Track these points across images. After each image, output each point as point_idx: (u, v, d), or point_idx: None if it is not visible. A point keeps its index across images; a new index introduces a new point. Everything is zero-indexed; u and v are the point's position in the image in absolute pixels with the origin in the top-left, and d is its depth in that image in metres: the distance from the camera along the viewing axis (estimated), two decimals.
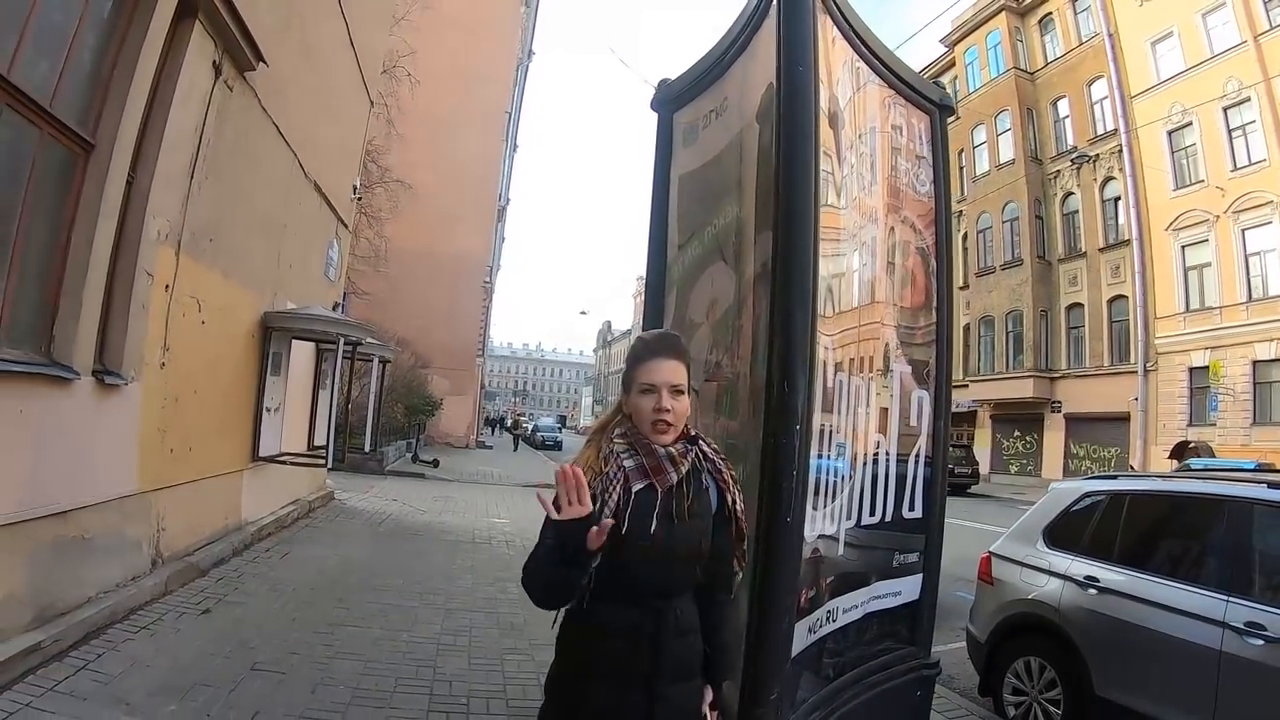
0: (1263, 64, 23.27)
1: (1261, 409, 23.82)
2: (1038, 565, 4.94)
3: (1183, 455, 20.92)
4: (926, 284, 4.22)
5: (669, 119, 4.56)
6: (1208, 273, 25.46)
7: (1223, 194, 24.48)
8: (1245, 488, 4.27)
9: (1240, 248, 24.34)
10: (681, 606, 1.96)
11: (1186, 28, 25.99)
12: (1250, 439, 23.34)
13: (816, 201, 2.94)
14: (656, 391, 1.91)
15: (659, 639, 1.89)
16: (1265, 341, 23.50)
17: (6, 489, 3.85)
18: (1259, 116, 23.62)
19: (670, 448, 1.93)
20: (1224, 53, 24.65)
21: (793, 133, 2.98)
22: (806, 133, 2.97)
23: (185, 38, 5.31)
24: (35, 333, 4.22)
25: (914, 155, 4.31)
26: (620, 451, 1.92)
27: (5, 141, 3.88)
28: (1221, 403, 24.54)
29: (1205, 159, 25.41)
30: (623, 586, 1.86)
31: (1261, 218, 23.63)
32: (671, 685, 1.90)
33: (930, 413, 4.14)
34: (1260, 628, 3.61)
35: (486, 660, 4.94)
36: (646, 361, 1.96)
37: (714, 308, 3.81)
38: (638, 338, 2.12)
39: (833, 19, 3.54)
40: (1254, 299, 23.89)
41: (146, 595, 5.26)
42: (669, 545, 1.89)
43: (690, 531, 1.94)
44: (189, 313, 5.88)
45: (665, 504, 1.90)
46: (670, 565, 1.91)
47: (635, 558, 1.84)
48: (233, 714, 3.72)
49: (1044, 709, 4.70)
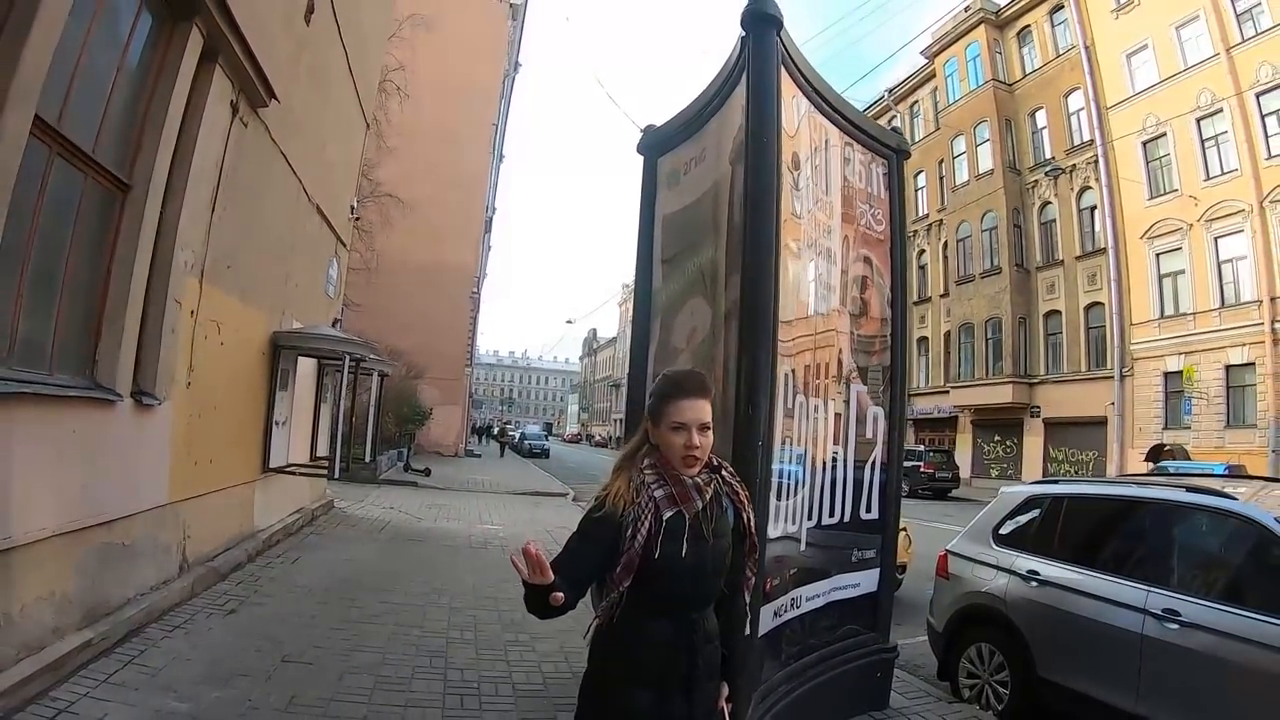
0: (1234, 76, 23.87)
1: (1235, 412, 24.38)
2: (988, 561, 5.42)
3: (1158, 458, 21.29)
4: (881, 311, 4.75)
5: (654, 163, 5.07)
6: (1181, 280, 26.02)
7: (1196, 203, 25.07)
8: (1166, 491, 4.81)
9: (1213, 255, 24.93)
10: (708, 616, 2.16)
11: (1161, 40, 26.60)
12: (1224, 441, 23.86)
13: (778, 253, 3.45)
14: (687, 430, 2.05)
15: (694, 646, 2.07)
16: (1237, 346, 24.03)
17: (64, 501, 4.30)
18: (1230, 127, 24.24)
19: (696, 477, 2.10)
20: (1197, 65, 25.30)
21: (758, 195, 3.50)
22: (770, 195, 3.50)
23: (207, 81, 5.72)
24: (80, 358, 4.65)
25: (871, 196, 4.83)
26: (650, 482, 2.06)
27: (56, 187, 4.28)
28: (1195, 406, 25.00)
29: (1179, 169, 26.02)
30: (659, 601, 2.04)
31: (1233, 226, 24.19)
32: (703, 689, 2.11)
33: (885, 427, 4.66)
34: (1176, 614, 4.11)
35: (492, 651, 5.43)
36: (678, 400, 2.08)
37: (694, 336, 4.32)
38: (664, 375, 2.26)
39: (797, 83, 4.06)
40: (1226, 305, 24.49)
41: (176, 597, 5.72)
42: (698, 564, 2.06)
43: (716, 550, 2.11)
44: (210, 335, 6.33)
45: (694, 527, 2.06)
46: (700, 581, 2.09)
47: (670, 576, 2.02)
48: (272, 698, 4.18)
49: (994, 690, 5.20)
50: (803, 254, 4.00)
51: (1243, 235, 23.99)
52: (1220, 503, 4.39)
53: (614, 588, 2.01)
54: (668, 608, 2.06)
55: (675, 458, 2.06)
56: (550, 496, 19.03)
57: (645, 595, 2.01)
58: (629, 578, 1.99)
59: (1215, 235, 24.84)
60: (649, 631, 2.04)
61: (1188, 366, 25.30)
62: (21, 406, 3.78)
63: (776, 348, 3.41)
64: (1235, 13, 24.36)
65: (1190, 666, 4.04)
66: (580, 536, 2.07)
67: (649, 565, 1.99)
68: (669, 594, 2.04)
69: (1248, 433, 23.63)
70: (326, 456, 10.59)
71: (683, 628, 2.06)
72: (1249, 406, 23.98)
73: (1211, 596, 4.12)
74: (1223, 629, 3.92)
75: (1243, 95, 23.65)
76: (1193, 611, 4.06)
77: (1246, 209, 23.64)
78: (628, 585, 2.00)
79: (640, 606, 2.03)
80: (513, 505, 15.81)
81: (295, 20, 7.72)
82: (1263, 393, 23.23)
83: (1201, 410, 24.93)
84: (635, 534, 1.98)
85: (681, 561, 2.01)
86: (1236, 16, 24.32)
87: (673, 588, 2.04)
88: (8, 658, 3.79)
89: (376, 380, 12.21)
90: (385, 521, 11.58)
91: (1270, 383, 22.97)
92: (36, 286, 4.12)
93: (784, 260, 3.61)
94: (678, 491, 2.05)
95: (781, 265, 3.55)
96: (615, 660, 2.06)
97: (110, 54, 4.70)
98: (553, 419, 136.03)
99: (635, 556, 1.99)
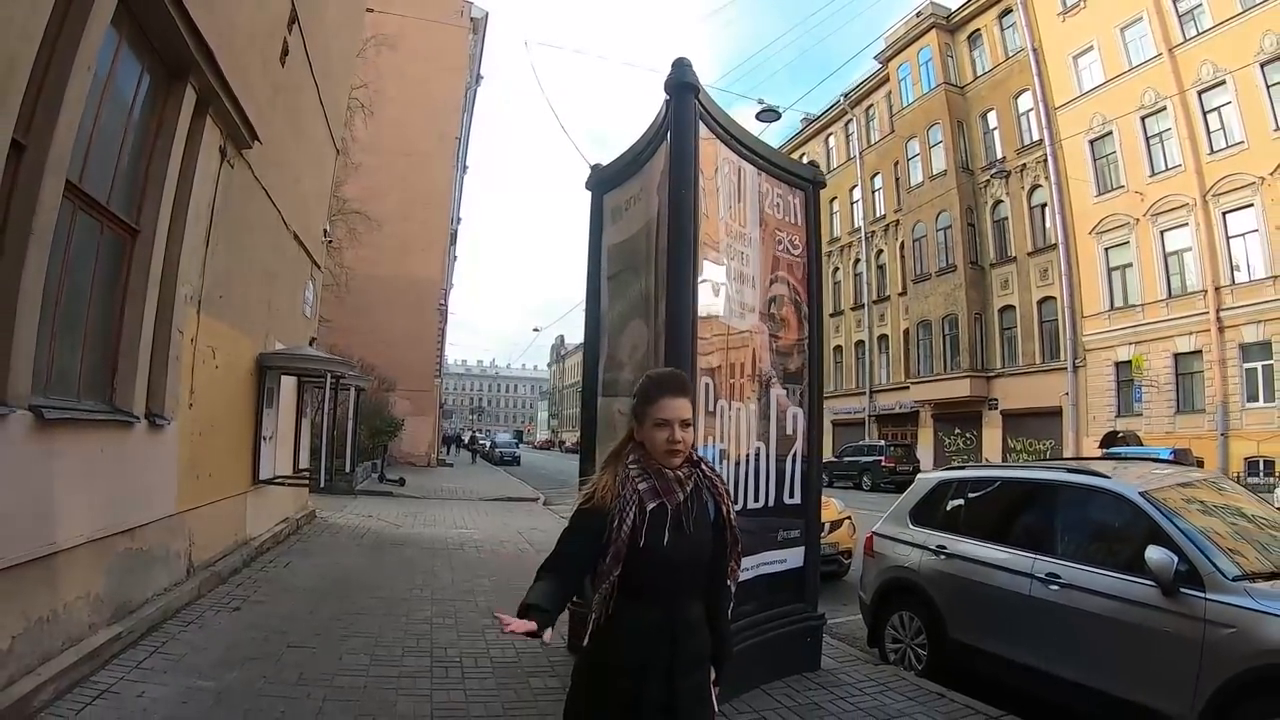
0: (1177, 75, 24.91)
1: (1185, 398, 25.52)
2: (905, 540, 6.16)
3: (1112, 444, 22.17)
4: (799, 325, 5.51)
5: (600, 199, 5.82)
6: (1130, 273, 27.12)
7: (1142, 198, 26.14)
8: (1050, 472, 5.57)
9: (1159, 248, 26.01)
10: (691, 606, 2.25)
11: (1106, 42, 27.63)
12: (1175, 427, 24.94)
13: (695, 284, 4.20)
14: (670, 426, 2.19)
15: (676, 635, 2.17)
16: (1185, 335, 25.15)
17: (95, 511, 4.93)
18: (1174, 124, 25.23)
19: (678, 471, 2.22)
20: (1141, 65, 26.34)
21: (678, 234, 4.24)
22: (687, 234, 4.24)
23: (200, 131, 6.33)
24: (102, 386, 5.27)
25: (789, 225, 5.59)
26: (635, 476, 2.19)
27: (79, 238, 4.90)
28: (1146, 394, 25.99)
29: (1125, 166, 27.12)
30: (643, 591, 2.15)
31: (1178, 220, 25.34)
32: (686, 675, 2.19)
33: (804, 424, 5.42)
34: (1056, 577, 4.77)
35: (471, 633, 6.12)
36: (660, 400, 2.21)
37: (635, 351, 5.06)
38: (647, 376, 2.39)
39: (716, 134, 4.82)
40: (1173, 296, 25.63)
41: (186, 597, 6.35)
42: (681, 553, 2.17)
43: (696, 540, 2.23)
44: (206, 360, 6.97)
45: (675, 518, 2.17)
46: (681, 570, 2.20)
47: (652, 566, 2.13)
48: (283, 675, 4.85)
49: (915, 652, 5.92)
50: (721, 279, 4.75)
51: (1187, 229, 25.06)
52: (1094, 481, 5.08)
53: (605, 579, 2.13)
54: (652, 596, 2.16)
55: (659, 452, 2.19)
56: (521, 501, 19.65)
57: (631, 584, 2.13)
58: (618, 567, 2.11)
59: (1161, 229, 25.88)
60: (633, 619, 2.14)
61: (1136, 356, 26.28)
62: (62, 430, 4.42)
63: (696, 361, 4.16)
64: (1177, 13, 25.33)
65: (1067, 621, 4.67)
66: (571, 531, 2.22)
67: (635, 555, 2.11)
68: (653, 583, 2.15)
69: (1197, 418, 24.69)
70: (309, 468, 11.23)
71: (666, 616, 2.17)
72: (1198, 393, 25.04)
73: (1085, 561, 4.76)
74: (1093, 588, 4.56)
75: (1185, 94, 24.66)
76: (1070, 574, 4.73)
77: (1190, 203, 24.67)
78: (617, 575, 2.12)
79: (626, 595, 2.13)
80: (485, 511, 16.44)
81: (271, 64, 8.32)
82: (1210, 379, 24.25)
83: (1152, 397, 25.92)
84: (621, 525, 2.11)
85: (665, 551, 2.13)
86: (1179, 17, 25.30)
87: (657, 577, 2.15)
88: (55, 648, 4.42)
89: (353, 394, 12.82)
90: (366, 529, 12.16)
91: (1217, 369, 23.92)
92: (66, 325, 4.75)
93: (704, 285, 4.38)
94: (660, 484, 2.18)
95: (701, 290, 4.32)
96: (601, 647, 2.17)
97: (119, 114, 5.31)
98: (523, 426, 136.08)
99: (623, 546, 2.10)
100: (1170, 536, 4.29)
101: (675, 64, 4.56)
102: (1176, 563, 4.10)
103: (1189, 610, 4.05)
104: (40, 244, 3.99)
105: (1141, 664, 4.28)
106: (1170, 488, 4.91)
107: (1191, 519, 4.52)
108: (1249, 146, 23.00)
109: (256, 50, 7.63)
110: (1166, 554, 4.14)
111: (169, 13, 5.14)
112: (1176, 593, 4.10)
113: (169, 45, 5.49)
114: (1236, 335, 23.75)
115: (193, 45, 5.58)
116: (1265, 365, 23.09)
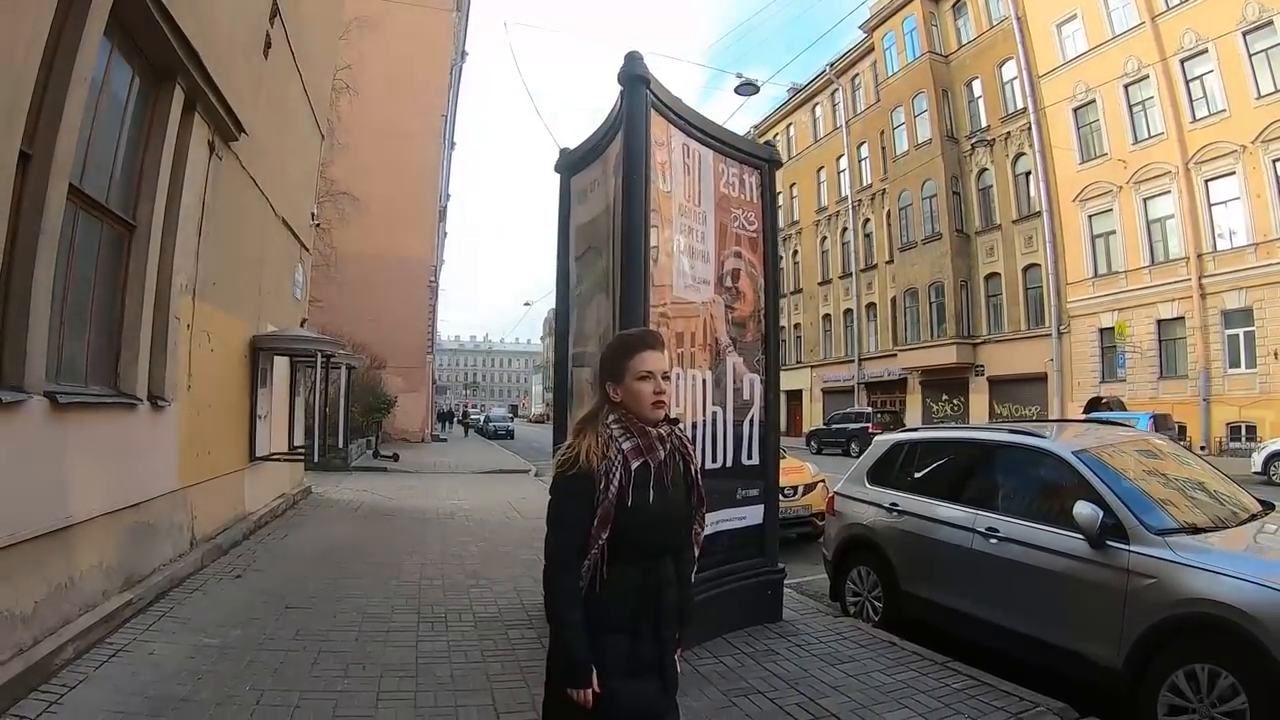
0: (1159, 43, 25.08)
1: (1167, 364, 25.97)
2: (862, 499, 6.52)
3: (1096, 409, 22.55)
4: (754, 297, 5.90)
5: (568, 181, 6.20)
6: (1113, 240, 27.43)
7: (1125, 166, 26.37)
8: (993, 434, 5.95)
9: (1142, 216, 26.32)
10: (667, 563, 2.29)
11: (1089, 10, 27.74)
12: (1158, 392, 25.36)
13: (647, 264, 4.60)
14: (654, 377, 2.20)
15: (660, 592, 2.22)
16: (1167, 302, 25.54)
17: (108, 487, 5.36)
18: (1156, 93, 25.46)
19: (659, 429, 2.24)
20: (1124, 33, 26.49)
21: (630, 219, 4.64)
22: (639, 218, 4.64)
23: (189, 128, 6.64)
24: (106, 371, 5.67)
25: (745, 202, 5.96)
26: (618, 435, 2.19)
27: (82, 236, 5.24)
28: (1129, 360, 26.33)
29: (1108, 134, 27.34)
30: (631, 550, 2.16)
31: (1160, 187, 25.61)
32: (669, 630, 2.27)
33: (761, 389, 5.83)
34: (995, 531, 5.10)
35: (457, 593, 6.59)
36: (641, 353, 2.23)
37: (599, 325, 5.46)
38: (620, 335, 2.45)
39: (670, 121, 5.19)
40: (1156, 263, 25.98)
41: (190, 568, 6.79)
42: (665, 511, 2.22)
43: (676, 497, 2.27)
44: (202, 344, 7.35)
45: (658, 476, 2.21)
46: (667, 528, 2.25)
47: (639, 523, 2.14)
48: (282, 633, 5.30)
49: (872, 605, 6.29)
50: (675, 256, 5.15)
51: (1169, 196, 25.36)
52: (1031, 441, 5.41)
53: (593, 543, 2.12)
54: (638, 555, 2.18)
55: (645, 405, 2.21)
56: (512, 474, 20.08)
57: (617, 544, 2.13)
58: (606, 529, 2.11)
59: (1144, 196, 26.18)
60: (621, 579, 2.15)
61: (1119, 322, 26.65)
62: (74, 413, 4.82)
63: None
64: None
65: (1004, 572, 5.00)
66: (564, 499, 2.20)
67: (623, 515, 2.12)
68: (640, 542, 2.17)
69: (1180, 383, 25.12)
70: (303, 445, 11.66)
71: (651, 574, 2.21)
72: (1180, 359, 25.48)
73: (1022, 516, 5.07)
74: (1028, 541, 4.88)
75: (1167, 61, 24.82)
76: (1007, 529, 5.05)
77: (1172, 170, 24.97)
78: (605, 538, 2.12)
79: (612, 555, 2.14)
80: (477, 483, 16.91)
81: (255, 57, 8.62)
82: (1192, 345, 24.62)
83: (1136, 363, 26.32)
84: (609, 485, 2.12)
85: (650, 509, 2.16)
86: None
87: (642, 536, 2.16)
88: (72, 613, 4.84)
89: (344, 373, 13.23)
90: (360, 503, 12.63)
91: (1198, 335, 24.27)
92: (72, 317, 5.13)
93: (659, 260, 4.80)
94: (643, 443, 2.20)
95: (655, 265, 4.74)
96: (592, 607, 2.15)
97: (113, 118, 5.65)
98: (518, 400, 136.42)
99: (610, 508, 2.11)
100: (1099, 492, 4.58)
101: (627, 57, 4.93)
102: (1101, 517, 4.38)
103: (1114, 562, 4.33)
104: (48, 245, 4.36)
105: (1072, 612, 4.56)
106: (1104, 448, 5.19)
107: (1121, 477, 4.80)
108: (1230, 114, 23.21)
109: (239, 46, 7.91)
110: (1093, 508, 4.42)
111: (155, 19, 5.45)
112: (1103, 545, 4.38)
113: (157, 49, 5.81)
114: (1218, 302, 24.03)
115: (179, 48, 5.89)
116: (1246, 332, 23.39)
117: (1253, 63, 22.75)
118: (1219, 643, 3.84)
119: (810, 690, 4.50)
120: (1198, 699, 3.85)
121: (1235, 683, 3.71)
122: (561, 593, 2.14)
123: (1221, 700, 3.75)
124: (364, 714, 3.97)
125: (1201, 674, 3.86)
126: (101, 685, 4.22)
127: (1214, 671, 3.81)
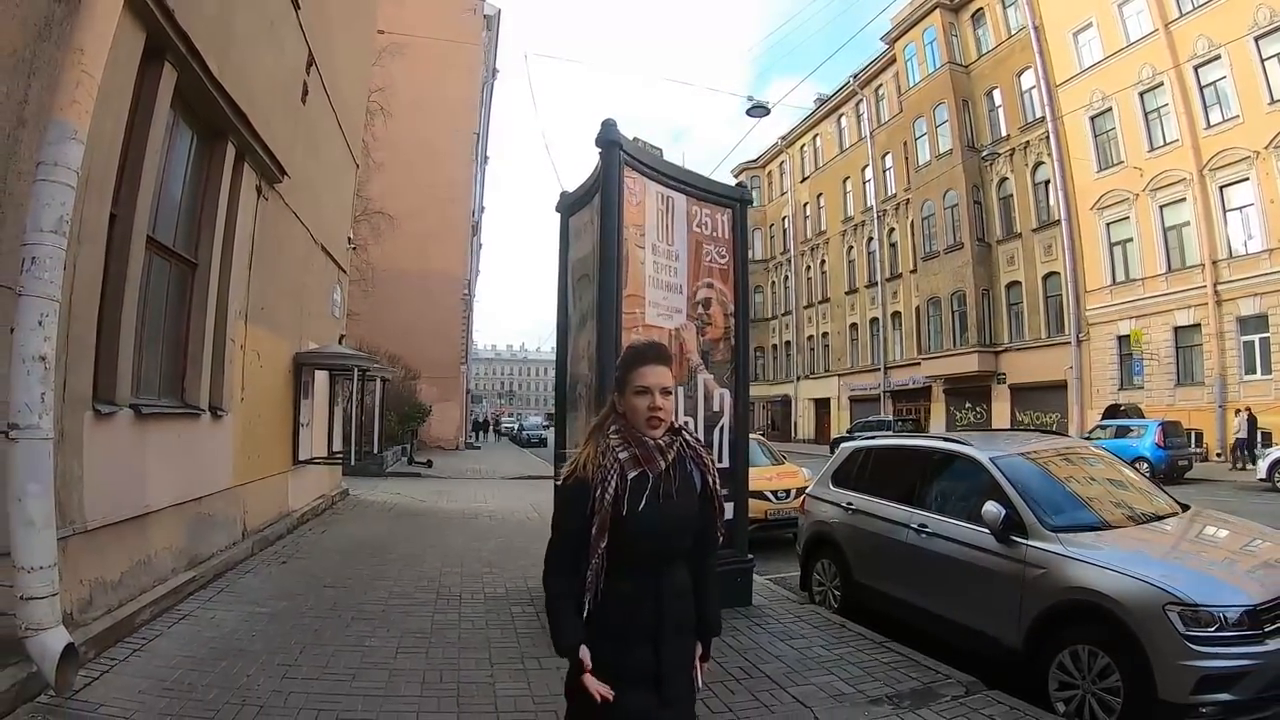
0: (1173, 50, 25.10)
1: (1184, 371, 25.96)
2: (825, 498, 7.26)
3: (1114, 416, 22.87)
4: (725, 322, 6.79)
5: (566, 220, 7.15)
6: (1130, 247, 27.44)
7: (1141, 174, 26.41)
8: (931, 442, 6.67)
9: (1159, 223, 26.27)
10: (676, 573, 2.24)
11: (1105, 18, 27.89)
12: (1174, 399, 25.38)
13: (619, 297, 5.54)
14: (650, 393, 2.18)
15: (660, 601, 2.17)
16: (1184, 309, 25.51)
17: (177, 483, 6.44)
18: (1171, 100, 25.47)
19: (659, 440, 2.20)
20: (1138, 41, 26.59)
21: (605, 261, 5.58)
22: (612, 263, 5.58)
23: (239, 176, 7.69)
24: (175, 386, 6.74)
25: (717, 238, 6.86)
26: (615, 445, 2.17)
27: (154, 276, 6.26)
28: (1147, 367, 26.34)
29: (1124, 141, 27.40)
30: (626, 558, 2.14)
31: (1176, 195, 25.56)
32: (671, 641, 2.20)
33: (731, 402, 6.71)
34: (925, 526, 5.76)
35: (472, 578, 7.57)
36: (640, 367, 2.21)
37: (589, 347, 6.37)
38: (629, 347, 2.41)
39: (644, 174, 6.12)
40: (1172, 270, 25.87)
41: (242, 555, 7.87)
42: (663, 521, 2.16)
43: (677, 508, 2.20)
44: (253, 361, 8.43)
45: (657, 487, 2.16)
46: (665, 538, 2.19)
47: (636, 534, 2.12)
48: (320, 606, 6.32)
49: (833, 593, 6.96)
50: (648, 290, 6.08)
51: (1185, 203, 25.35)
52: (959, 448, 6.02)
53: (594, 550, 2.12)
54: (633, 564, 2.15)
55: (640, 420, 2.19)
56: (540, 479, 20.79)
57: (615, 553, 2.13)
58: (604, 538, 2.10)
59: (1160, 204, 26.16)
60: (614, 587, 2.14)
61: (1135, 330, 26.65)
62: (151, 421, 5.89)
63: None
64: None
65: (930, 562, 5.62)
66: (564, 505, 2.23)
67: (618, 523, 2.10)
68: (636, 551, 2.14)
69: (1197, 390, 25.09)
70: (341, 451, 12.76)
71: (648, 583, 2.17)
72: (1197, 365, 25.44)
73: (947, 513, 5.69)
74: (949, 535, 5.50)
75: (1181, 68, 24.88)
76: (934, 524, 5.69)
77: (1187, 177, 24.94)
78: (605, 546, 2.11)
79: (612, 565, 2.14)
80: (504, 487, 17.97)
81: (294, 105, 9.70)
82: (1209, 352, 24.58)
83: (1153, 370, 26.30)
84: (604, 494, 2.10)
85: (646, 519, 2.12)
86: None
87: (640, 545, 2.14)
88: (149, 584, 5.88)
89: (379, 384, 14.32)
90: (393, 504, 13.70)
91: (1214, 342, 24.23)
92: (148, 342, 6.20)
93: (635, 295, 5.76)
94: (641, 453, 2.17)
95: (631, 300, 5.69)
96: (590, 614, 2.16)
97: (178, 173, 6.72)
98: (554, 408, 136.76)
99: (606, 516, 2.10)
100: (1006, 493, 5.15)
101: (603, 125, 5.87)
102: (1004, 515, 4.94)
103: (1014, 554, 4.89)
104: (132, 287, 5.43)
105: (981, 598, 5.12)
106: (1028, 455, 5.76)
107: (1031, 481, 5.34)
108: (1244, 120, 23.18)
109: (280, 99, 8.99)
110: (998, 507, 4.98)
111: (210, 91, 6.49)
112: (1007, 539, 4.95)
113: (211, 114, 6.90)
114: (1234, 308, 24.03)
115: (230, 112, 6.97)
116: (1262, 338, 23.34)
117: (1265, 68, 22.84)
118: (1095, 627, 4.35)
119: (754, 658, 5.27)
120: (1080, 677, 4.37)
121: (1110, 662, 4.20)
122: (551, 592, 2.21)
123: (1101, 677, 4.25)
124: (385, 660, 4.97)
125: (1083, 654, 4.37)
126: (175, 639, 5.25)
127: (1092, 652, 4.32)
